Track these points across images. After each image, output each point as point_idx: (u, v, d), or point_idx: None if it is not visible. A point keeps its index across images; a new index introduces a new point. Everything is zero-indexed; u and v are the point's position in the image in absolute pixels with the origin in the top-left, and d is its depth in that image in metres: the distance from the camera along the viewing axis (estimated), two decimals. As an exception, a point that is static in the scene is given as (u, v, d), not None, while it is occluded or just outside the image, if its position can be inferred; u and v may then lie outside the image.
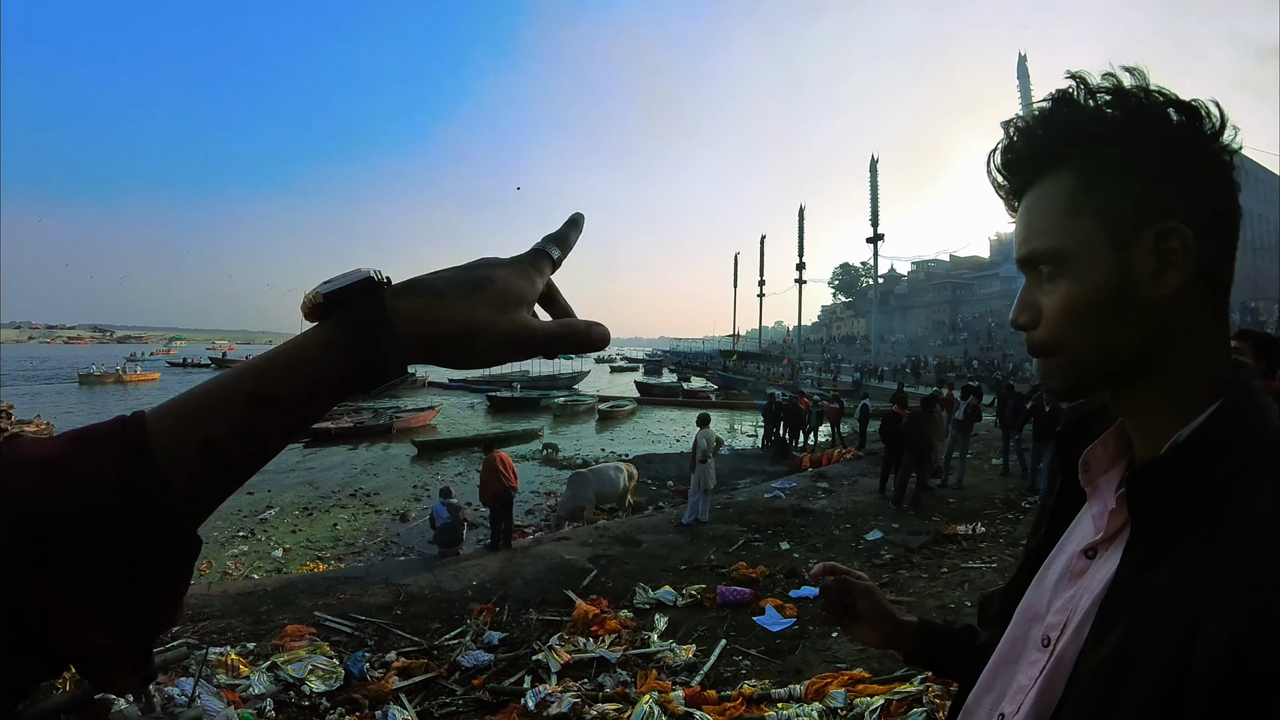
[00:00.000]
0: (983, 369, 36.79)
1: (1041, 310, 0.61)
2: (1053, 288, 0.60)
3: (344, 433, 22.52)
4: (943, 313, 64.85)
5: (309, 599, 6.71)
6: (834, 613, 0.98)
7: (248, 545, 10.74)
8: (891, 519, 9.19)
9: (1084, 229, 0.58)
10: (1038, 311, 0.62)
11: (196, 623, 6.15)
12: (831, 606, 0.97)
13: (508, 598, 6.66)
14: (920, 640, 0.96)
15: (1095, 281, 0.57)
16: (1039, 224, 0.61)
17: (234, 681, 4.68)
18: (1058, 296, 0.59)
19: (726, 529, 9.07)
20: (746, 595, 6.34)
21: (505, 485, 8.60)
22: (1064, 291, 0.59)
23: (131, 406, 1.58)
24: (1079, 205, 0.58)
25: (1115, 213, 0.57)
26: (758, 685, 4.37)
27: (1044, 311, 0.61)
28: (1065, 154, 0.60)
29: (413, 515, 12.26)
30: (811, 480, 12.43)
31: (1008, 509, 9.38)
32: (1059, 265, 0.59)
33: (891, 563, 7.34)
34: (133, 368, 49.34)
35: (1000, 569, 6.56)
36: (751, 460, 17.96)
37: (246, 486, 7.47)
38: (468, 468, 16.41)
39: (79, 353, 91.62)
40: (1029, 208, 0.63)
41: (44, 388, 40.35)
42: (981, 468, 12.56)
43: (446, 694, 4.75)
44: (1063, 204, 0.59)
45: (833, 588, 0.96)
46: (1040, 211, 0.61)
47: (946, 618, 5.29)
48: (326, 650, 5.22)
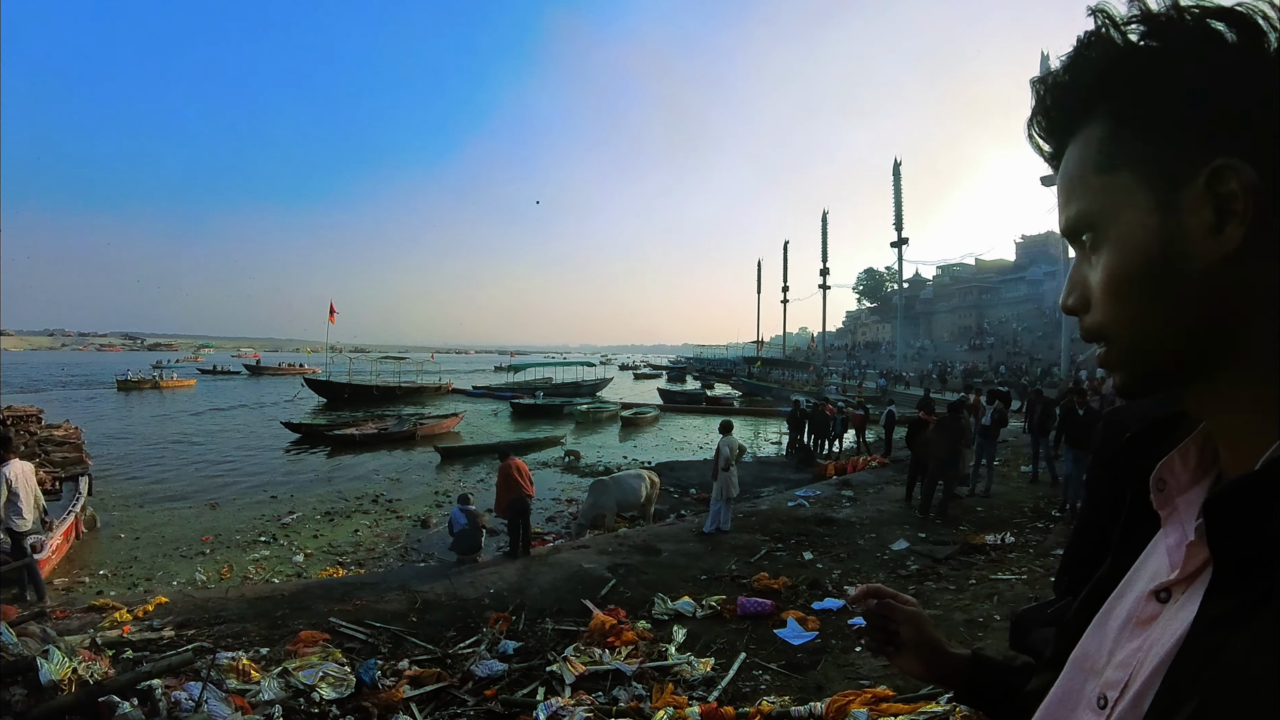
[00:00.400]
0: (1009, 374, 36.08)
1: (1090, 289, 0.52)
2: (1097, 260, 0.51)
3: (368, 439, 22.69)
4: (968, 317, 63.92)
5: (325, 604, 6.67)
6: (875, 640, 0.87)
7: (269, 550, 10.79)
8: (918, 528, 8.95)
9: (1119, 185, 0.49)
10: (1087, 291, 0.53)
11: (212, 626, 6.15)
12: (873, 633, 0.87)
13: (524, 606, 6.56)
14: (971, 675, 0.84)
15: (1137, 246, 0.48)
16: (1074, 187, 0.53)
17: (244, 687, 4.63)
18: (1101, 270, 0.50)
19: (748, 538, 8.90)
20: (768, 607, 6.17)
21: (520, 493, 8.51)
22: (1105, 263, 0.50)
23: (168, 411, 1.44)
24: (1112, 157, 0.49)
25: (1153, 159, 0.47)
26: (777, 702, 4.20)
27: (1092, 291, 0.52)
28: (1094, 102, 0.51)
29: (434, 521, 12.23)
30: (836, 488, 12.20)
31: (1037, 518, 9.10)
32: (1098, 232, 0.51)
33: (918, 574, 7.13)
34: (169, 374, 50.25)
35: (1030, 580, 6.34)
36: (775, 468, 17.75)
37: (270, 490, 7.60)
38: (490, 474, 16.36)
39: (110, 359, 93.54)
40: (1064, 171, 0.54)
41: (77, 393, 41.09)
42: (1010, 475, 12.24)
43: (458, 704, 4.65)
44: (1095, 159, 0.51)
45: (875, 612, 0.86)
46: (1074, 173, 0.53)
47: (975, 632, 5.11)
48: (339, 657, 5.16)
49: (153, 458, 19.67)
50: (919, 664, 0.85)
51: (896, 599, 0.87)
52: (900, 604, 0.86)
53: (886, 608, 0.86)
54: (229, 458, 20.02)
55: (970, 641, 4.91)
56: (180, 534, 11.62)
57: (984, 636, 5.00)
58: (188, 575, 9.43)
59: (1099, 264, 0.51)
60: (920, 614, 0.86)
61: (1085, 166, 0.51)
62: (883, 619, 0.85)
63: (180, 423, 28.25)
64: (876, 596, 0.87)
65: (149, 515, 12.92)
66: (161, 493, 14.93)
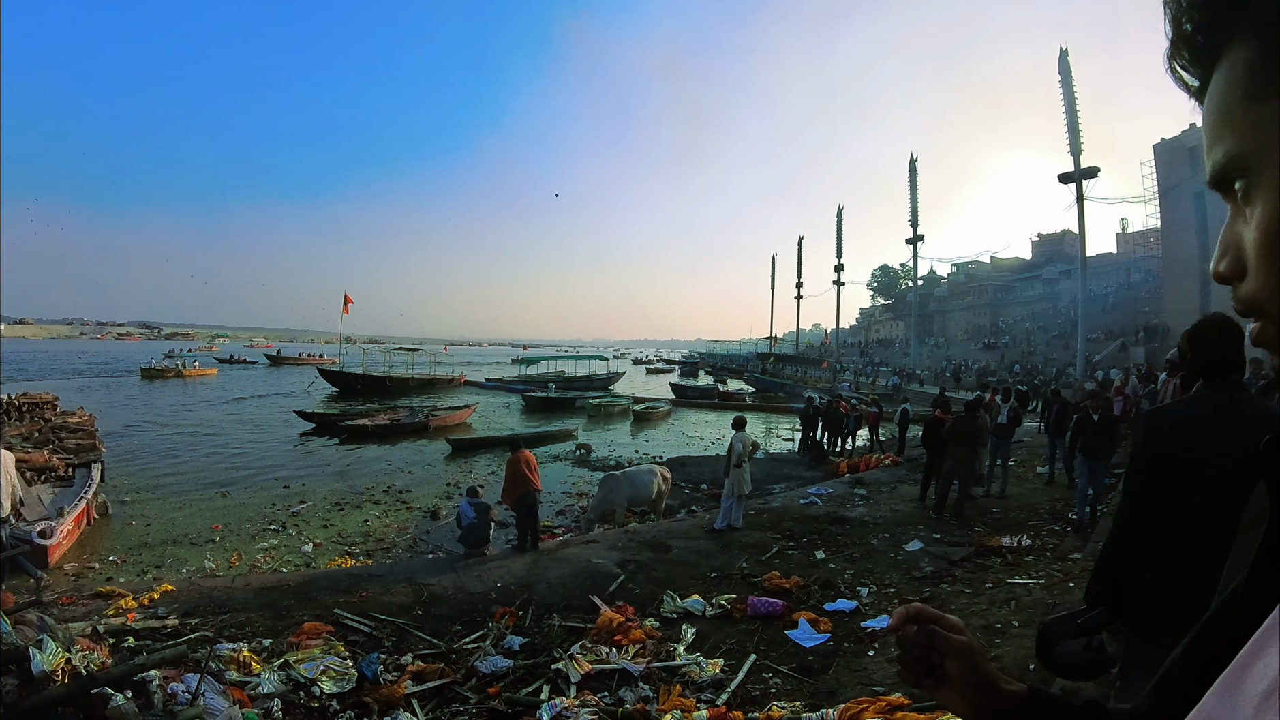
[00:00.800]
0: (1024, 374, 35.64)
1: (1245, 251, 0.43)
2: (1252, 213, 0.42)
3: (380, 430, 22.75)
4: (984, 315, 63.19)
5: (331, 596, 6.63)
6: (913, 672, 0.72)
7: (278, 539, 10.79)
8: (932, 529, 8.77)
9: (1272, 115, 0.40)
10: (1241, 254, 0.44)
11: (217, 615, 6.12)
12: (909, 663, 0.72)
13: (531, 601, 6.48)
14: (1027, 715, 0.69)
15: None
16: (1219, 124, 0.43)
17: (244, 679, 4.57)
18: (1257, 225, 0.41)
19: (760, 536, 8.77)
20: (779, 607, 6.03)
21: (529, 487, 8.44)
22: (1262, 216, 0.41)
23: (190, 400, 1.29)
24: (1262, 83, 0.40)
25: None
26: (787, 708, 4.07)
27: (1247, 253, 0.43)
28: (1238, 17, 0.42)
29: (443, 513, 12.19)
30: (849, 486, 12.04)
31: (1054, 520, 8.89)
32: (1251, 175, 0.41)
33: (932, 576, 6.95)
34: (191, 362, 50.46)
35: (1049, 586, 6.14)
36: (787, 465, 17.58)
37: (281, 480, 7.54)
38: (500, 466, 16.34)
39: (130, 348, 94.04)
40: (1207, 107, 0.45)
41: (94, 382, 41.32)
42: (1026, 476, 12.01)
43: (460, 701, 4.57)
44: (1243, 87, 0.41)
45: (915, 641, 0.71)
46: (1218, 106, 0.43)
47: (993, 639, 4.96)
48: (340, 650, 5.10)
49: (167, 445, 19.81)
50: (965, 703, 0.70)
51: (943, 623, 0.71)
52: (948, 631, 0.71)
53: (932, 637, 0.70)
54: (242, 447, 20.13)
55: (987, 649, 4.77)
56: (191, 522, 11.66)
57: (1001, 644, 4.83)
58: (197, 563, 9.43)
59: (1254, 217, 0.41)
60: (973, 646, 0.70)
61: (1231, 97, 0.42)
62: (924, 649, 0.70)
63: (198, 411, 28.49)
64: (918, 621, 0.71)
65: (161, 503, 12.98)
66: (174, 481, 15.02)
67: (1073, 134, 27.00)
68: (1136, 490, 2.17)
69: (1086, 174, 26.46)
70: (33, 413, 15.65)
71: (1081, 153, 26.80)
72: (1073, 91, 27.54)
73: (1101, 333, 39.25)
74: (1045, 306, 55.41)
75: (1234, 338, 2.05)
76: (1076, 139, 26.89)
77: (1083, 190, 26.44)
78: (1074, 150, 26.86)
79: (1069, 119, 27.20)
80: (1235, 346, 2.05)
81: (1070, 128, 27.10)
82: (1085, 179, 26.44)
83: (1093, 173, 26.43)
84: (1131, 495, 2.20)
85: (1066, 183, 26.94)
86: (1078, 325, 28.69)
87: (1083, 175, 26.47)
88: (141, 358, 53.02)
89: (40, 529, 8.91)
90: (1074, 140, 26.94)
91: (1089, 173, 26.44)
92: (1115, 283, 51.22)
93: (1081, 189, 26.43)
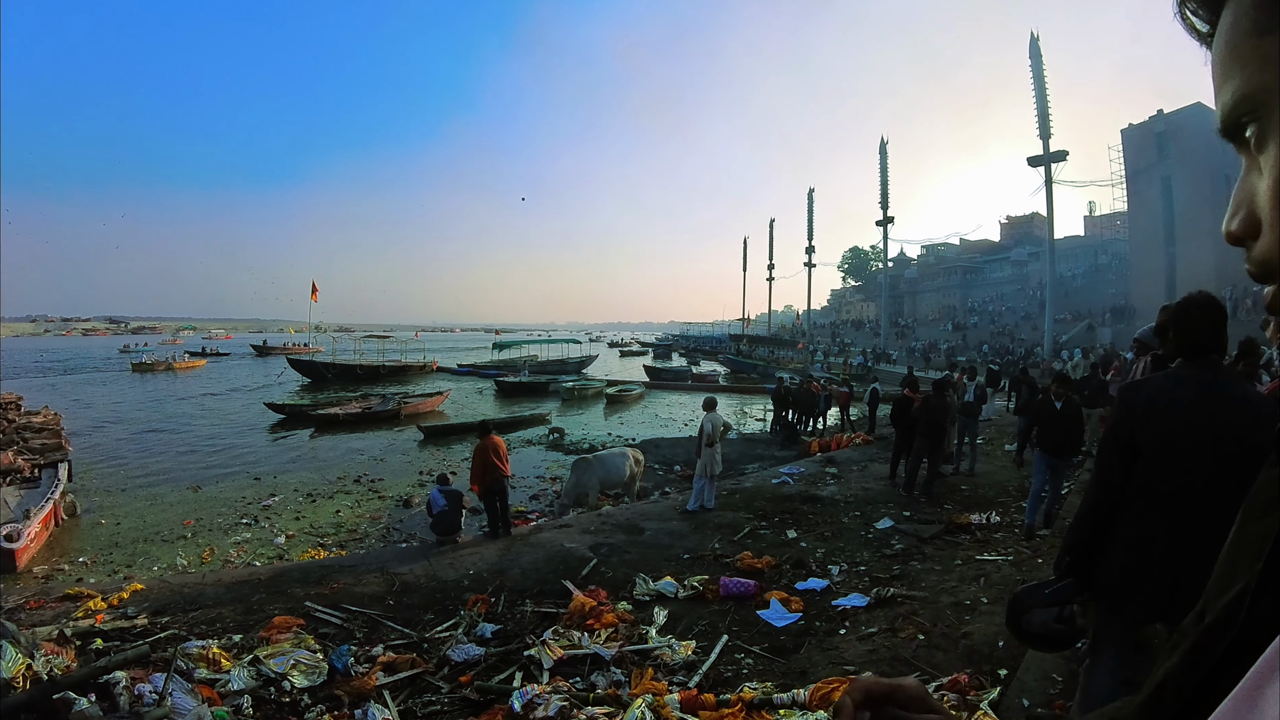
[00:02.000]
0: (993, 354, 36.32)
1: (1259, 205, 0.39)
2: (1266, 161, 0.38)
3: (352, 418, 22.49)
4: (953, 297, 63.90)
5: (302, 588, 6.56)
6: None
7: (250, 532, 10.67)
8: (902, 507, 8.90)
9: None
10: (1254, 208, 0.40)
11: (188, 612, 6.03)
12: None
13: (504, 588, 6.46)
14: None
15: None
16: (1228, 63, 0.40)
17: (214, 676, 4.49)
18: (1270, 174, 0.38)
19: (732, 516, 8.83)
20: (751, 587, 6.09)
21: (497, 474, 8.42)
22: (1274, 161, 0.37)
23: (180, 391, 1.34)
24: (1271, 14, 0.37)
25: None
26: (759, 688, 4.11)
27: (1261, 207, 0.39)
28: None
29: (416, 501, 12.13)
30: (820, 466, 12.17)
31: (1022, 498, 9.06)
32: (1264, 118, 0.38)
33: (903, 554, 7.06)
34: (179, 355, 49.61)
35: (1017, 562, 6.28)
36: (760, 445, 17.73)
37: (252, 472, 7.43)
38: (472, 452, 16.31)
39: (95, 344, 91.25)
40: (1215, 48, 0.41)
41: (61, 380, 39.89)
42: (994, 454, 12.22)
43: (432, 691, 4.54)
44: (1251, 19, 0.38)
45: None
46: (1226, 44, 0.40)
47: (963, 616, 5.05)
48: (311, 644, 5.03)
49: (136, 441, 19.48)
50: None
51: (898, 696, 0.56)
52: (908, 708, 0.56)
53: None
54: (212, 440, 19.80)
55: (958, 626, 4.85)
56: (162, 518, 11.47)
57: (971, 620, 4.92)
58: (169, 560, 9.29)
59: (1267, 165, 0.38)
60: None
61: (1238, 32, 0.39)
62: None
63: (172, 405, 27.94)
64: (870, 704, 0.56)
65: (131, 500, 12.77)
66: (144, 477, 14.77)
67: (1042, 119, 27.32)
68: (1108, 464, 2.17)
69: (1055, 158, 26.82)
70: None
71: (1050, 137, 27.15)
72: (1043, 77, 27.83)
73: (1069, 314, 40.00)
74: (1014, 288, 56.20)
75: (1217, 317, 2.05)
76: (1046, 123, 27.21)
77: (1051, 173, 26.82)
78: (1043, 134, 27.20)
79: (1039, 104, 27.51)
80: (1219, 326, 2.04)
81: (1040, 113, 27.42)
82: (1054, 162, 26.81)
83: (1061, 156, 26.80)
84: (1103, 469, 2.20)
85: (1035, 166, 27.32)
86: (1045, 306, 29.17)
87: (1051, 159, 26.83)
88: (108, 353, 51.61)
89: (6, 532, 8.70)
90: (1043, 125, 27.27)
91: (1057, 156, 26.81)
92: (1083, 265, 52.11)
93: (1050, 172, 26.80)
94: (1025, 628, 2.13)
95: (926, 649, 4.53)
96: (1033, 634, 2.16)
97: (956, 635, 4.69)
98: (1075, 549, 2.24)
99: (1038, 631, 2.13)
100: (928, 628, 4.87)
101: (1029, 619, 2.12)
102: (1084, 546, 2.22)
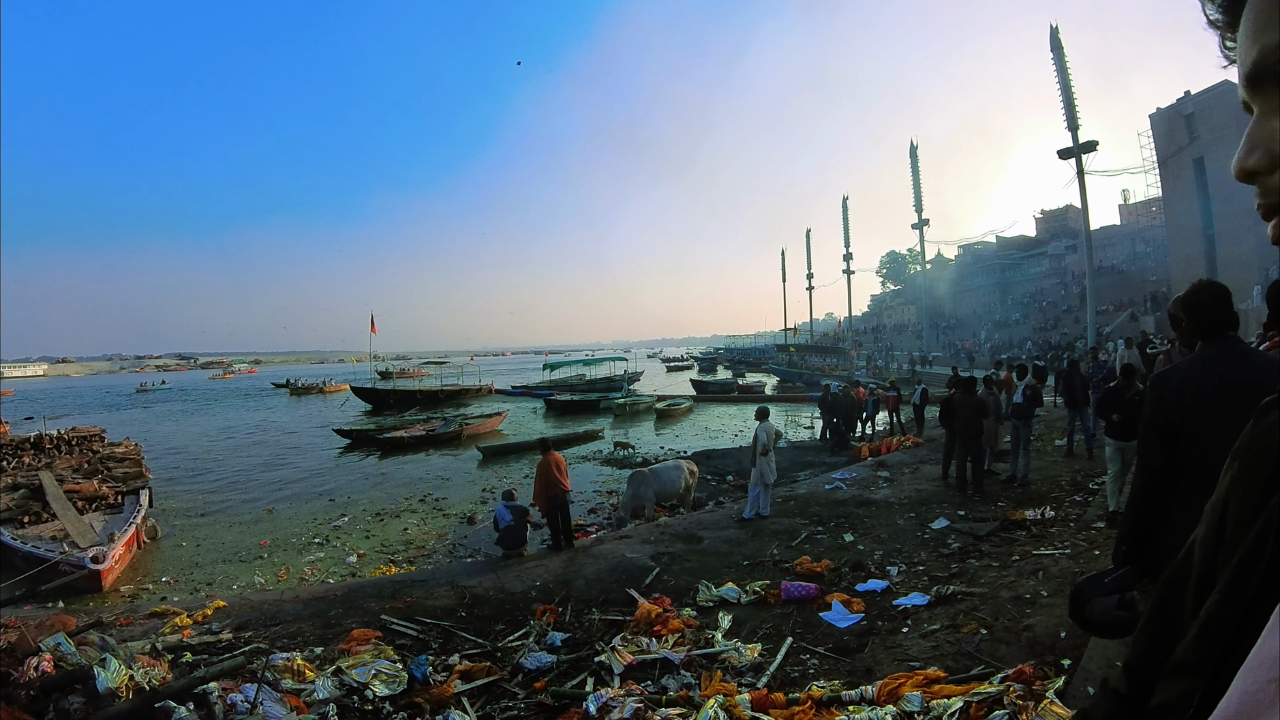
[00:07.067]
0: (1036, 350, 35.32)
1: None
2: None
3: (416, 441, 23.20)
4: (992, 295, 62.45)
5: (376, 602, 6.83)
6: None
7: (324, 551, 11.10)
8: (956, 506, 8.84)
9: None
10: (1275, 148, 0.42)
11: (269, 627, 6.35)
12: None
13: (570, 598, 6.64)
14: None
15: None
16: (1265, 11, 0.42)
17: (299, 686, 4.74)
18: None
19: (788, 523, 8.89)
20: (812, 590, 6.16)
21: (557, 490, 8.66)
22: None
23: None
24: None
25: None
26: (827, 686, 4.20)
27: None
28: None
29: (479, 518, 12.45)
30: (872, 470, 12.10)
31: (1075, 491, 8.87)
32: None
33: (960, 552, 7.03)
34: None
35: (1075, 555, 6.21)
36: (810, 452, 17.66)
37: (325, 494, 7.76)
38: (532, 469, 16.59)
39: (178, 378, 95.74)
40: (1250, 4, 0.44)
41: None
42: (1044, 450, 11.95)
43: (508, 697, 4.73)
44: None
45: None
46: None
47: (1023, 609, 5.05)
48: (390, 654, 5.28)
49: (212, 468, 20.50)
50: None
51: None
52: None
53: None
54: (285, 466, 20.73)
55: (1019, 620, 4.87)
56: (238, 540, 12.03)
57: (1032, 613, 4.92)
58: (247, 579, 9.73)
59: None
60: None
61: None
62: None
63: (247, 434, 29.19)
64: None
65: (209, 523, 13.40)
66: (220, 501, 15.47)
67: (1069, 109, 26.66)
68: (1149, 452, 2.24)
69: (1085, 148, 26.09)
70: (81, 445, 16.18)
71: (1079, 127, 26.49)
72: (1065, 67, 27.19)
73: (1111, 304, 38.77)
74: (1053, 281, 54.62)
75: (1224, 297, 2.14)
76: (1073, 114, 26.54)
77: (1083, 164, 26.09)
78: (1071, 125, 26.51)
79: (1064, 95, 26.86)
80: (1227, 305, 2.14)
81: (1066, 103, 26.76)
82: (1084, 153, 26.06)
83: (1091, 146, 26.06)
84: (1145, 458, 2.28)
85: (1066, 158, 26.60)
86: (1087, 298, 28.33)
87: (1081, 150, 26.11)
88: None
89: (92, 554, 9.25)
90: (1070, 116, 26.59)
91: (1087, 147, 26.08)
92: (1121, 254, 50.43)
93: (1081, 163, 26.07)
94: (1088, 616, 2.20)
95: (990, 643, 4.55)
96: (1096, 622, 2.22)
97: (1018, 628, 4.69)
98: (1129, 536, 2.31)
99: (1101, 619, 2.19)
100: (989, 622, 4.88)
101: (1091, 608, 2.19)
102: (1138, 533, 2.29)
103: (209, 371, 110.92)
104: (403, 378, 51.95)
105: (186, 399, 54.61)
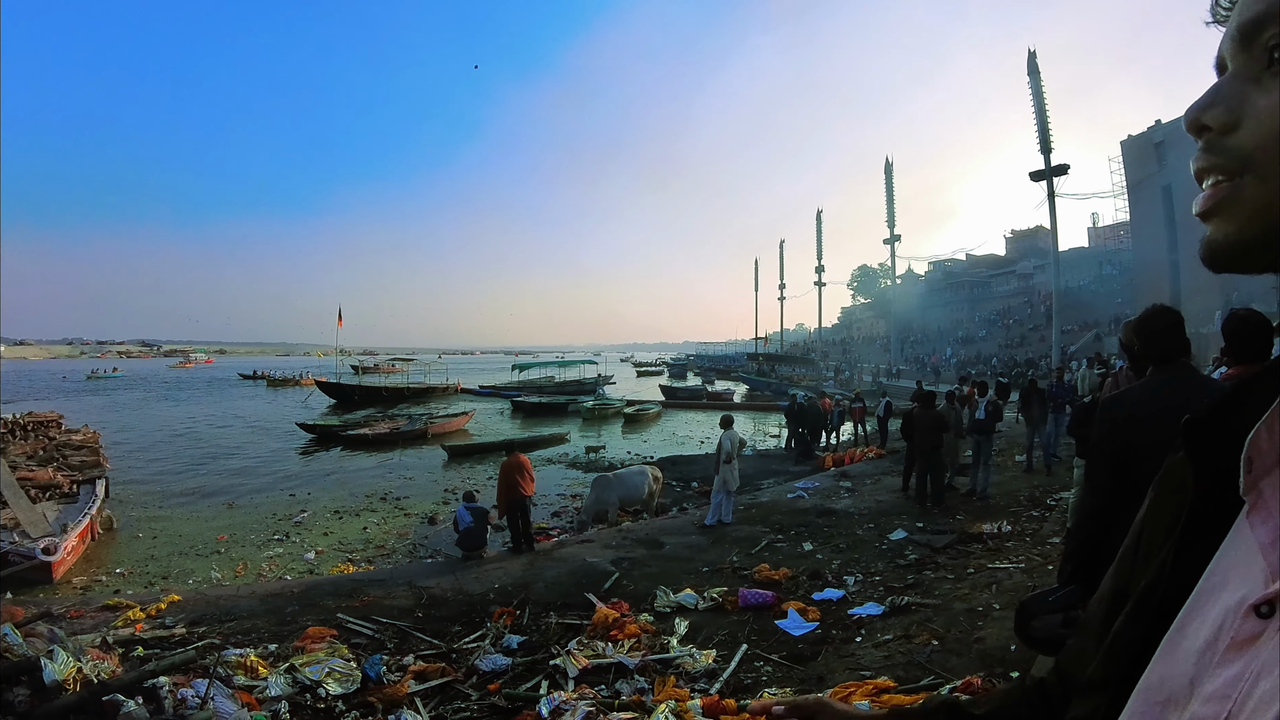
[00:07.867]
0: (1001, 366, 36.11)
1: (1245, 109, 0.42)
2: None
3: (380, 438, 22.91)
4: (961, 311, 63.65)
5: (334, 600, 6.76)
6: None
7: (282, 547, 10.94)
8: (916, 518, 9.00)
9: None
10: (1240, 107, 0.42)
11: (224, 623, 6.25)
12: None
13: (529, 601, 6.63)
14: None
15: None
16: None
17: (252, 683, 4.69)
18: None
19: (750, 530, 8.98)
20: (769, 598, 6.23)
21: (518, 494, 8.67)
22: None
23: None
24: None
25: None
26: (778, 694, 4.27)
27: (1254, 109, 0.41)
28: None
29: (441, 518, 12.35)
30: (835, 480, 12.27)
31: (1033, 506, 9.10)
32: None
33: (916, 564, 7.16)
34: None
35: (1029, 569, 6.35)
36: (775, 461, 17.80)
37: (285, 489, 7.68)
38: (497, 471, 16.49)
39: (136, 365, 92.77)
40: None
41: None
42: (1004, 465, 12.23)
43: (462, 699, 4.72)
44: None
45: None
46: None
47: (975, 622, 5.15)
48: (345, 653, 5.23)
49: (171, 458, 20.02)
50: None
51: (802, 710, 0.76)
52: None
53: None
54: (245, 459, 20.31)
55: (971, 632, 4.98)
56: (197, 533, 11.79)
57: (984, 626, 5.04)
58: (203, 574, 9.56)
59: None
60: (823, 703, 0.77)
61: None
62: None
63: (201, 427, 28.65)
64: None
65: (167, 515, 13.11)
66: (179, 493, 15.15)
67: (1042, 133, 27.43)
68: (1097, 475, 2.26)
69: (1057, 171, 26.89)
70: (37, 431, 15.73)
71: (1052, 150, 27.23)
72: (1041, 93, 27.97)
73: (1076, 324, 39.79)
74: (1021, 300, 55.85)
75: (1178, 323, 2.18)
76: (1046, 137, 27.32)
77: (1054, 187, 26.88)
78: (1044, 148, 27.29)
79: (1039, 118, 27.65)
80: (1179, 331, 2.17)
81: (1040, 127, 27.54)
82: (1056, 176, 26.88)
83: (1063, 170, 26.87)
84: (1094, 480, 2.30)
85: (1038, 180, 27.37)
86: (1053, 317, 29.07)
87: (1053, 172, 26.90)
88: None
89: (44, 545, 9.00)
90: (1044, 139, 27.36)
91: (1059, 170, 26.88)
92: (1088, 275, 51.77)
93: (1053, 185, 26.87)
94: (1032, 634, 2.26)
95: (941, 654, 4.65)
96: (1039, 639, 2.28)
97: (970, 640, 4.81)
98: (1076, 555, 2.36)
99: (1044, 636, 2.25)
100: (942, 634, 4.99)
101: (1035, 625, 2.25)
102: (1084, 553, 2.35)
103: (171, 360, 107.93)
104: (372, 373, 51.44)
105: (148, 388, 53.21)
